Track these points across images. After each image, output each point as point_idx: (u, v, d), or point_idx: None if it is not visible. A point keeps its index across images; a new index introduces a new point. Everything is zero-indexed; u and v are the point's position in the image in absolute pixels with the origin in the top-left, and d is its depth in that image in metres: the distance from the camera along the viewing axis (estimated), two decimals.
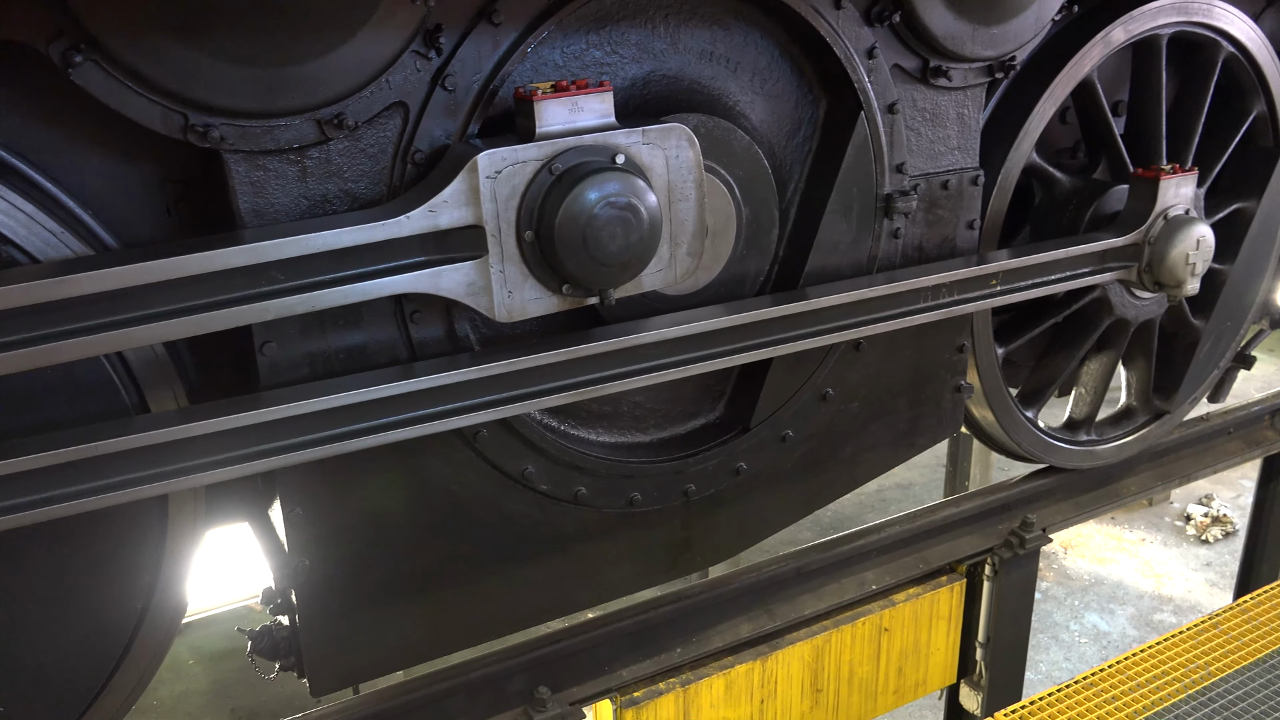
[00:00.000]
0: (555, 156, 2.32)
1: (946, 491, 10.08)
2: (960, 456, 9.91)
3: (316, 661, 2.63)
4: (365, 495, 2.55)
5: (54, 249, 2.13)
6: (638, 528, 3.01)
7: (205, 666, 5.82)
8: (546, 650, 3.11)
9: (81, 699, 2.42)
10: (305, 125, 2.23)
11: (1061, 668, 8.88)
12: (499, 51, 2.42)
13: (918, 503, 8.62)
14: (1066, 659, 9.00)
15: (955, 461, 9.99)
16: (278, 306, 2.15)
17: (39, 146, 2.20)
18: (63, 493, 2.06)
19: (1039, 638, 9.15)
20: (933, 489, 11.02)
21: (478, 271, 2.32)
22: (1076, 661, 8.95)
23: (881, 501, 10.58)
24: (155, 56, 2.04)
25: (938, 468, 10.68)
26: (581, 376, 2.51)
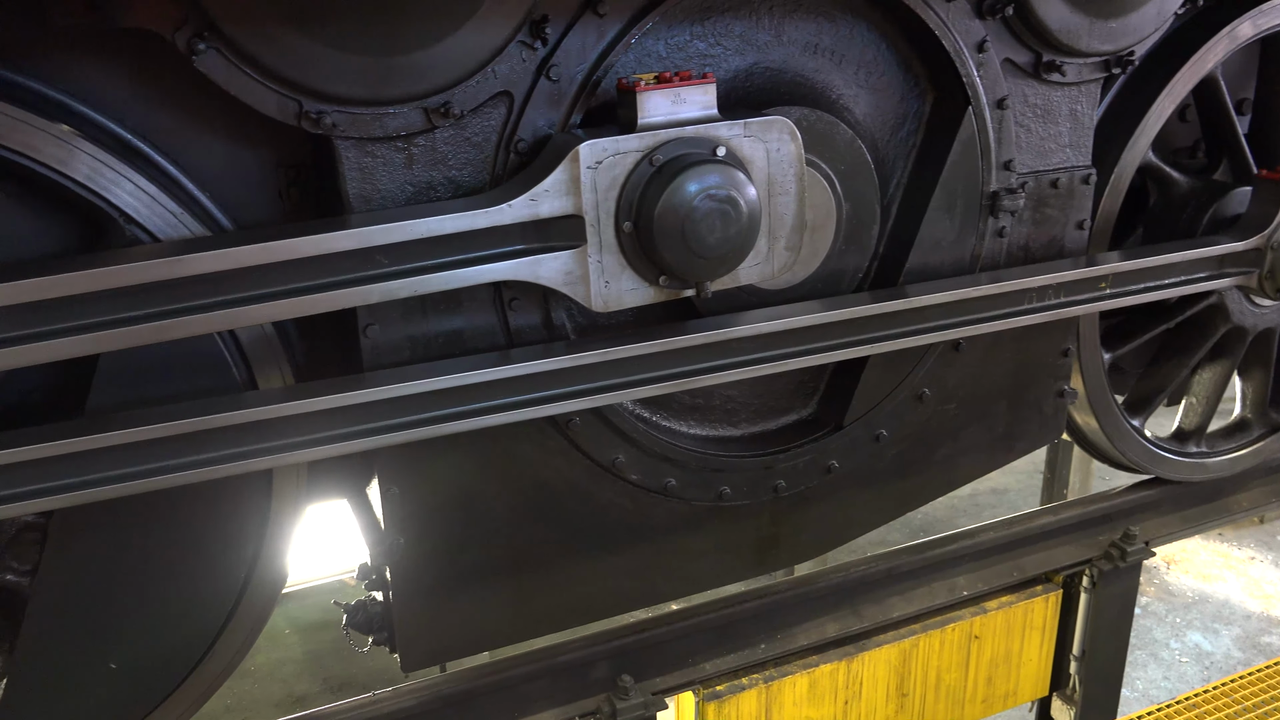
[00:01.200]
0: (656, 148, 2.33)
1: (1043, 499, 9.79)
2: (1059, 463, 9.61)
3: (408, 638, 2.70)
4: (460, 477, 2.60)
5: (174, 229, 2.22)
6: (726, 522, 3.00)
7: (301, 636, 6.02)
8: (631, 639, 3.12)
9: (188, 661, 2.52)
10: (413, 113, 2.28)
11: (1160, 686, 8.57)
12: (603, 42, 2.43)
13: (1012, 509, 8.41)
14: (1165, 678, 8.68)
15: (1054, 468, 9.70)
16: (381, 290, 2.21)
17: (162, 130, 2.29)
18: (177, 463, 2.15)
19: (1137, 654, 8.84)
20: (1028, 496, 10.72)
21: (576, 261, 2.34)
22: (1176, 681, 8.63)
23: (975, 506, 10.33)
24: (273, 45, 2.11)
25: (1035, 474, 10.39)
26: (675, 368, 2.52)
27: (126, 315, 2.03)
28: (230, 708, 5.43)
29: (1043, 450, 8.06)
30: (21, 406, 2.30)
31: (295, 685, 5.74)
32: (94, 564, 2.34)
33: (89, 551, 2.33)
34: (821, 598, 3.38)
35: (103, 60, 2.20)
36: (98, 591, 2.37)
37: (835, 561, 4.46)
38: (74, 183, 2.11)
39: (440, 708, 2.92)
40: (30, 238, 2.21)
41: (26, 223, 2.20)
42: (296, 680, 5.77)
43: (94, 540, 2.32)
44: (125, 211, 2.16)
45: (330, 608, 6.12)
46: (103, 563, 2.35)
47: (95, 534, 2.32)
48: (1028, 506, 7.81)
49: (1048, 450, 9.41)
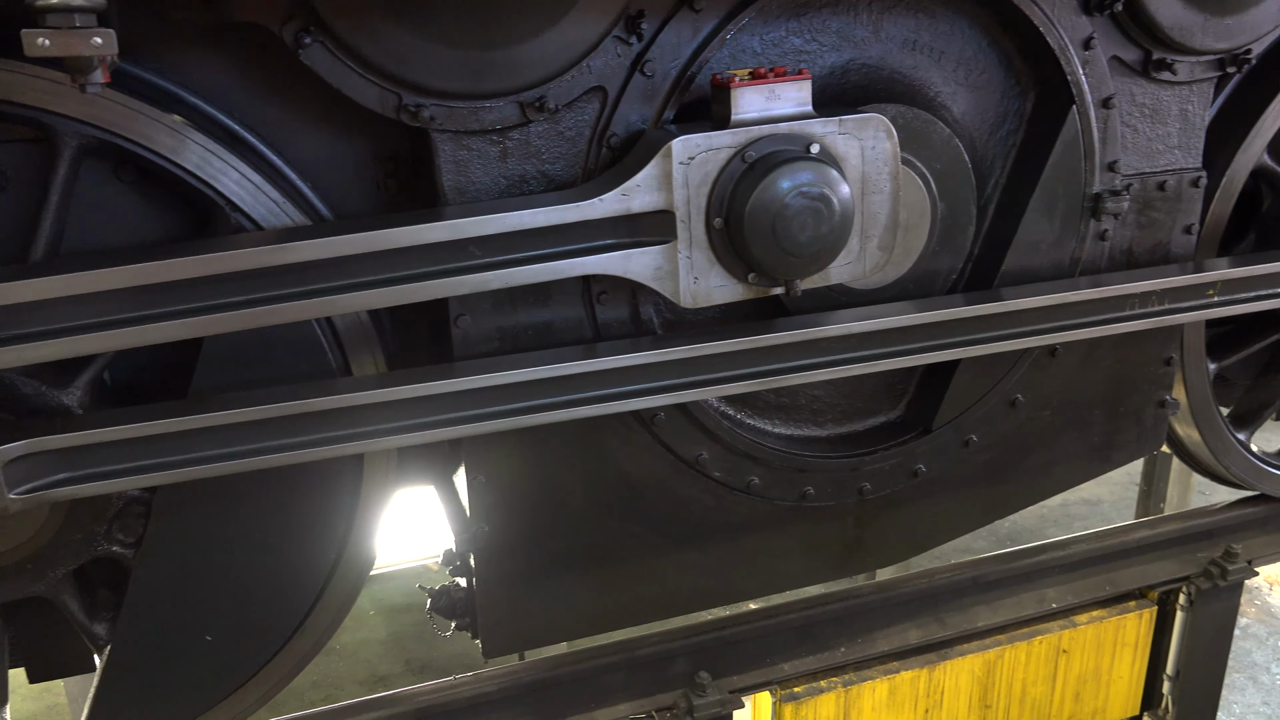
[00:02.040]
0: (749, 144, 2.31)
1: (1139, 512, 9.46)
2: (1157, 476, 9.27)
3: (490, 624, 2.74)
4: (545, 468, 2.63)
5: (276, 217, 2.28)
6: (809, 522, 2.97)
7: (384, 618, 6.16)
8: (710, 636, 3.12)
9: (279, 636, 2.60)
10: (508, 107, 2.31)
11: (1259, 712, 8.22)
12: (698, 38, 2.42)
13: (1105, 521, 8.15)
14: (1265, 703, 8.33)
15: (1151, 481, 9.35)
16: (474, 281, 2.24)
17: (267, 121, 2.37)
18: (274, 444, 2.22)
19: (1234, 677, 8.49)
20: (1123, 508, 10.37)
21: (665, 256, 2.34)
22: (1277, 708, 8.27)
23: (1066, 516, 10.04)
24: (376, 39, 2.16)
25: (1130, 486, 10.04)
26: (763, 366, 2.50)
27: (231, 300, 2.11)
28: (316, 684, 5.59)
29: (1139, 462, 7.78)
30: (132, 385, 2.40)
31: (378, 665, 5.87)
32: (194, 539, 2.43)
33: (190, 527, 2.42)
34: (904, 603, 3.33)
35: (213, 53, 2.28)
36: (197, 566, 2.46)
37: (919, 567, 4.38)
38: (185, 171, 2.19)
39: (519, 695, 2.96)
40: (143, 223, 2.30)
41: (140, 209, 2.29)
42: (379, 660, 5.91)
43: (195, 516, 2.41)
44: (231, 199, 2.23)
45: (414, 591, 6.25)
46: (202, 538, 2.43)
47: (196, 511, 2.41)
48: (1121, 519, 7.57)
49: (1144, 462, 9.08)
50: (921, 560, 4.45)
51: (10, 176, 2.20)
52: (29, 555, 2.34)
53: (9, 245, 2.22)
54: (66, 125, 2.09)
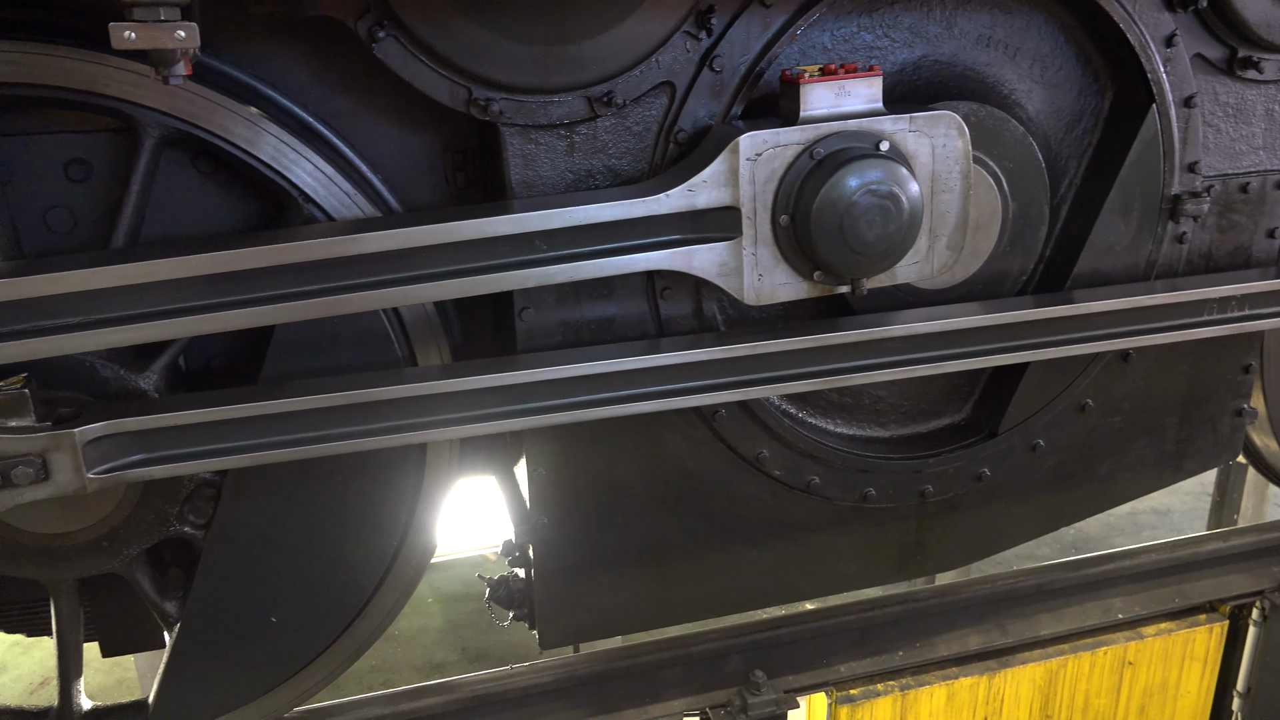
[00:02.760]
0: (817, 141, 2.29)
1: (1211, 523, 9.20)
2: (1231, 487, 9.00)
3: (547, 615, 2.76)
4: (605, 462, 2.63)
5: (347, 209, 2.32)
6: (869, 524, 2.94)
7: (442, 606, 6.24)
8: (766, 635, 3.11)
9: (341, 620, 2.65)
10: (576, 102, 2.32)
11: None
12: (768, 33, 2.41)
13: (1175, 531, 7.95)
14: None
15: (1224, 492, 9.09)
16: (539, 275, 2.25)
17: (340, 114, 2.41)
18: (341, 432, 2.26)
19: None
20: (1194, 519, 10.10)
21: (730, 253, 2.33)
22: None
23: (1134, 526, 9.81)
24: (448, 34, 2.18)
25: (1202, 495, 9.78)
26: (827, 365, 2.48)
27: (302, 290, 2.14)
28: (375, 668, 5.68)
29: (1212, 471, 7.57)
30: (205, 371, 2.46)
31: (435, 652, 5.96)
32: (261, 523, 2.48)
33: (258, 511, 2.47)
34: (965, 609, 3.29)
35: (289, 46, 2.33)
36: (264, 549, 2.51)
37: (980, 573, 4.31)
38: (260, 162, 2.24)
39: (574, 687, 2.99)
40: (219, 213, 2.36)
41: (217, 199, 2.35)
42: (436, 647, 5.99)
43: (263, 500, 2.46)
44: (304, 191, 2.27)
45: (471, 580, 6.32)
46: (269, 522, 2.49)
47: (264, 495, 2.46)
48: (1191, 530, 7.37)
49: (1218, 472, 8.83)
50: (983, 566, 4.39)
51: (94, 166, 2.27)
52: (105, 533, 2.41)
53: (92, 232, 2.29)
54: (148, 116, 2.15)
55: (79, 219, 2.29)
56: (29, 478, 2.07)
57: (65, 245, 2.29)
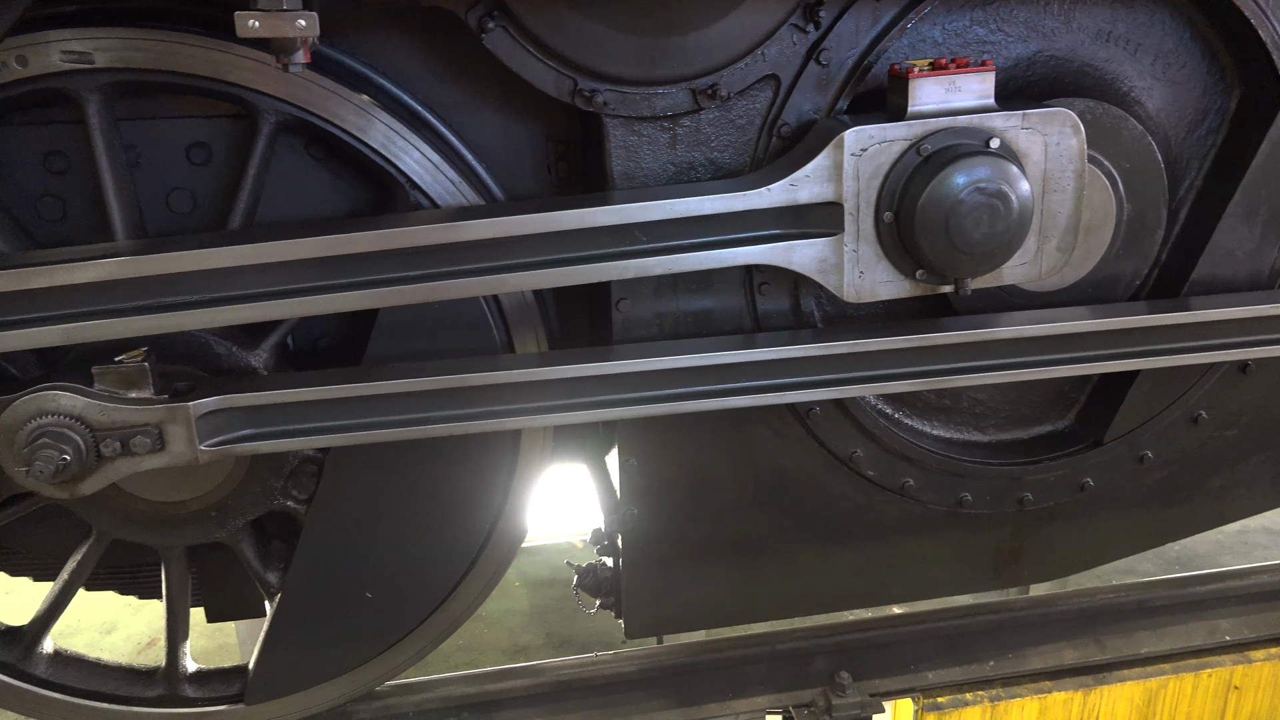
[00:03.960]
0: (925, 137, 2.25)
1: None
2: None
3: (633, 606, 2.77)
4: (696, 455, 2.63)
5: (452, 196, 2.36)
6: (964, 529, 2.88)
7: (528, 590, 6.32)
8: (854, 637, 3.07)
9: (433, 599, 2.71)
10: (681, 94, 2.32)
11: None
12: (877, 27, 2.37)
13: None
14: None
15: None
16: (638, 266, 2.26)
17: (448, 103, 2.45)
18: (439, 415, 2.30)
19: None
20: None
21: (831, 249, 2.31)
22: None
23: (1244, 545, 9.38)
24: (556, 24, 2.20)
25: None
26: (927, 366, 2.43)
27: (407, 275, 2.19)
28: (462, 648, 5.79)
29: None
30: (312, 350, 2.54)
31: (520, 635, 6.04)
32: (360, 500, 2.55)
33: (357, 489, 2.54)
34: (1061, 621, 3.19)
35: (400, 36, 2.38)
36: (362, 526, 2.58)
37: (1078, 585, 4.18)
38: (370, 149, 2.29)
39: (658, 678, 2.99)
40: (329, 198, 2.43)
41: (327, 185, 2.42)
42: (522, 631, 6.07)
43: (362, 479, 2.53)
44: (411, 178, 2.32)
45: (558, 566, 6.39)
46: (368, 500, 2.55)
47: (364, 473, 2.52)
48: None
49: None
50: (1080, 578, 4.26)
51: (214, 150, 2.36)
52: (214, 504, 2.51)
53: (211, 214, 2.38)
54: (267, 103, 2.22)
55: (198, 201, 2.38)
56: (146, 447, 2.17)
57: (185, 226, 2.39)
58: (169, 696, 2.72)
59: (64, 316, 2.10)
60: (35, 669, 2.65)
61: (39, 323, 2.10)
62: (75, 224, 2.34)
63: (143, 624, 6.03)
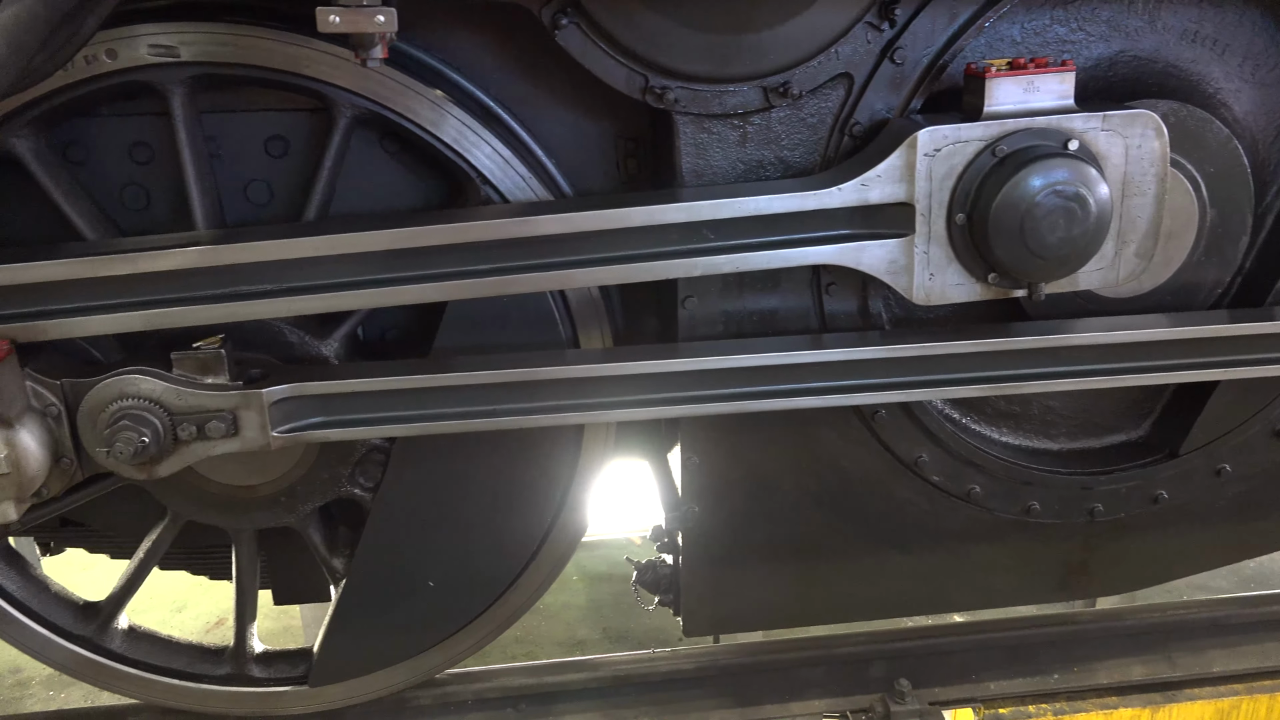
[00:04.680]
0: (1001, 138, 2.21)
1: None
2: None
3: (692, 603, 2.77)
4: (758, 455, 2.62)
5: (521, 191, 2.38)
6: (1031, 538, 2.82)
7: (586, 584, 6.35)
8: (914, 644, 3.03)
9: (494, 590, 2.73)
10: (752, 92, 2.30)
11: None
12: (954, 25, 2.33)
13: None
14: None
15: None
16: (705, 264, 2.25)
17: (519, 99, 2.47)
18: (504, 408, 2.32)
19: None
20: None
21: (901, 250, 2.28)
22: None
23: None
24: (628, 21, 2.20)
25: None
26: (997, 371, 2.38)
27: (476, 268, 2.22)
28: (519, 639, 5.83)
29: None
30: (380, 341, 2.58)
31: (577, 629, 6.07)
32: (425, 490, 2.59)
33: (422, 478, 2.57)
34: (1130, 636, 3.11)
35: (473, 31, 2.40)
36: (426, 515, 2.62)
37: (1147, 600, 4.09)
38: (442, 144, 2.32)
39: (715, 677, 2.99)
40: (402, 191, 2.46)
41: (400, 178, 2.45)
42: (579, 625, 6.10)
43: (427, 469, 2.56)
44: (482, 172, 2.35)
45: (616, 561, 6.41)
46: (432, 490, 2.59)
47: (429, 463, 2.56)
48: None
49: None
50: (1150, 593, 4.15)
51: (291, 143, 2.40)
52: (284, 489, 2.56)
53: (286, 205, 2.43)
54: (343, 97, 2.26)
55: (275, 192, 2.43)
56: (221, 432, 2.22)
57: (262, 216, 2.44)
58: (236, 675, 2.79)
59: (146, 303, 2.17)
60: (111, 644, 2.73)
61: (122, 308, 2.16)
62: (157, 213, 2.41)
63: (211, 604, 6.18)
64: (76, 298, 2.15)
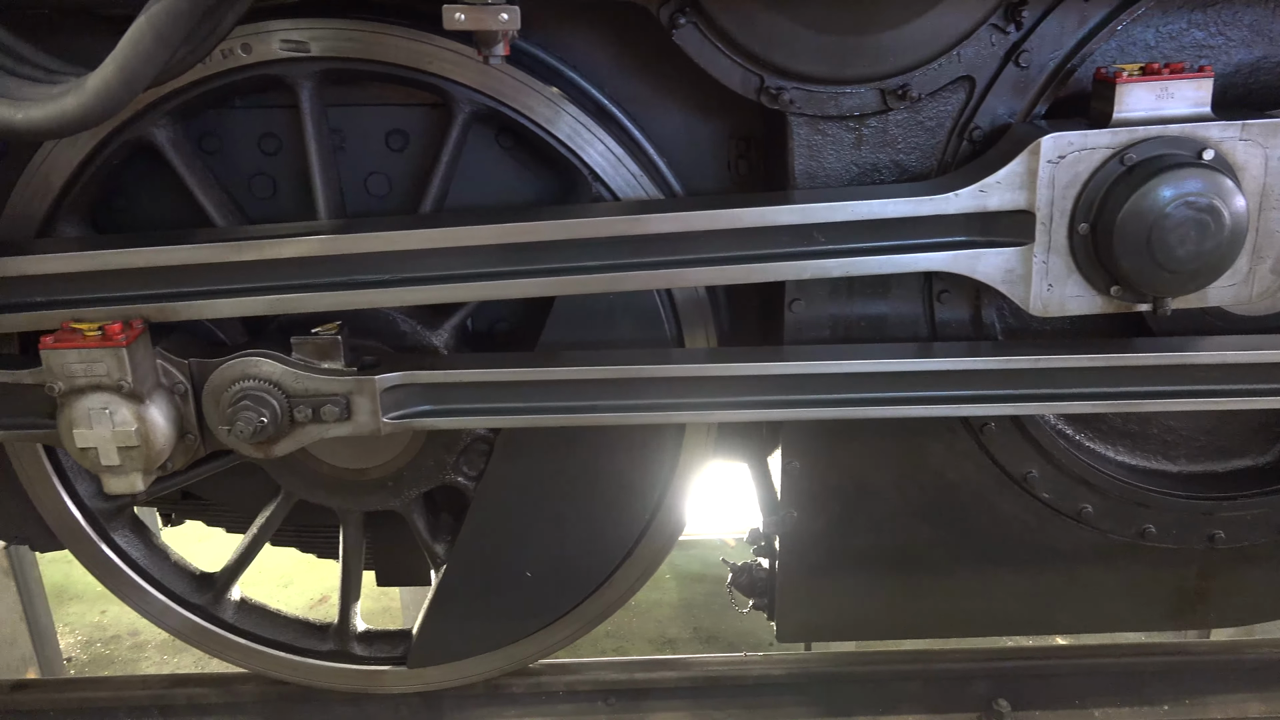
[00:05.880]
0: (1131, 145, 2.13)
1: None
2: None
3: (787, 609, 2.75)
4: (861, 463, 2.58)
5: (632, 189, 2.39)
6: (1144, 563, 2.71)
7: (678, 583, 6.35)
8: (1014, 664, 2.95)
9: (589, 584, 2.76)
10: (869, 94, 2.27)
11: None
12: (1084, 28, 2.25)
13: None
14: None
15: None
16: (815, 267, 2.23)
17: (633, 97, 2.48)
18: (607, 404, 2.34)
19: None
20: None
21: (1019, 259, 2.21)
22: None
23: None
24: (747, 21, 2.19)
25: None
26: (1117, 388, 2.30)
27: (586, 264, 2.23)
28: (610, 634, 5.87)
29: None
30: (489, 333, 2.63)
31: (667, 627, 6.07)
32: (527, 482, 2.62)
33: (524, 470, 2.61)
34: (1248, 671, 2.98)
35: (590, 30, 2.42)
36: (526, 506, 2.65)
37: (1268, 634, 3.89)
38: (557, 141, 2.35)
39: (807, 684, 2.96)
40: (515, 186, 2.50)
41: (513, 173, 2.49)
42: (669, 623, 6.10)
43: (530, 461, 2.60)
44: (595, 170, 2.37)
45: (708, 562, 6.39)
46: (534, 482, 2.62)
47: (532, 456, 2.59)
48: None
49: None
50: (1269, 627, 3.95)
51: (411, 137, 2.46)
52: (391, 474, 2.63)
53: (404, 198, 2.49)
54: (463, 93, 2.31)
55: (394, 185, 2.50)
56: (334, 415, 2.29)
57: (380, 208, 2.51)
58: (339, 652, 2.88)
59: (270, 288, 2.24)
60: (224, 614, 2.85)
61: (248, 293, 2.24)
62: (282, 202, 2.49)
63: (316, 581, 6.38)
64: (206, 281, 2.25)
